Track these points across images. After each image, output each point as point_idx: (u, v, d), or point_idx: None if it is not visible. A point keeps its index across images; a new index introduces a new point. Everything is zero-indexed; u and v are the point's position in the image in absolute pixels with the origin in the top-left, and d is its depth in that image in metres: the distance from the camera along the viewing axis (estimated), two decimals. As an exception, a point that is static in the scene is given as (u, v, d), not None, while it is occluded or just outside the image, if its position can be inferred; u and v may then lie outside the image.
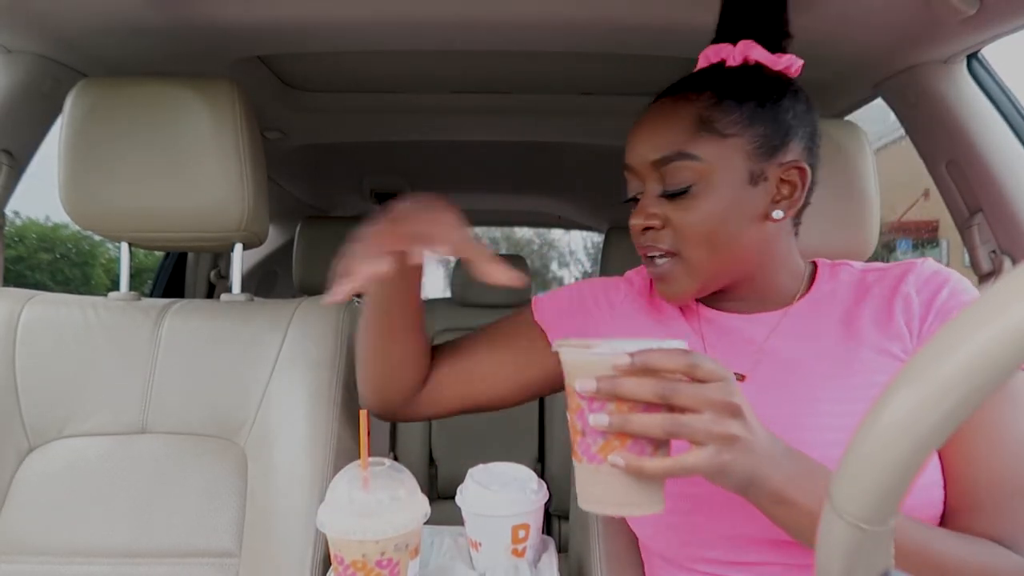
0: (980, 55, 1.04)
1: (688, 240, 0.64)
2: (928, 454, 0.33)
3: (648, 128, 0.66)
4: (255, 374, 0.86)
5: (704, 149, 0.62)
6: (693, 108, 0.64)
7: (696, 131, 0.63)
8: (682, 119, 0.64)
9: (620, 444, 0.49)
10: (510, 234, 16.12)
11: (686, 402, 0.47)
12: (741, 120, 0.63)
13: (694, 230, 0.63)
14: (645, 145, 0.65)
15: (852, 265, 0.72)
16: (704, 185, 0.63)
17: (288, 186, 2.15)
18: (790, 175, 0.65)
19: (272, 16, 1.00)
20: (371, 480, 0.65)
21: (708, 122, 0.63)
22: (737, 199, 0.63)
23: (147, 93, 0.89)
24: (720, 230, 0.63)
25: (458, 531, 0.83)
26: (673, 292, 0.68)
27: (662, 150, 0.64)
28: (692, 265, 0.65)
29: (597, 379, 0.48)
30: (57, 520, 0.80)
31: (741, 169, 0.63)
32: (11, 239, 1.08)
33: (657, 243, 0.66)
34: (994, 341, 0.30)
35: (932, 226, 10.22)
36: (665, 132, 0.64)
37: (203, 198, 0.89)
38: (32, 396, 0.85)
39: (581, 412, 0.50)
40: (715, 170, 0.62)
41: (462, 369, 0.78)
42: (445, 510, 1.15)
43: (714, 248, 0.64)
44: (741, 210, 0.64)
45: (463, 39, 1.09)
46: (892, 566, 0.38)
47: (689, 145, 0.63)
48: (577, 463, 0.51)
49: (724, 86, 0.64)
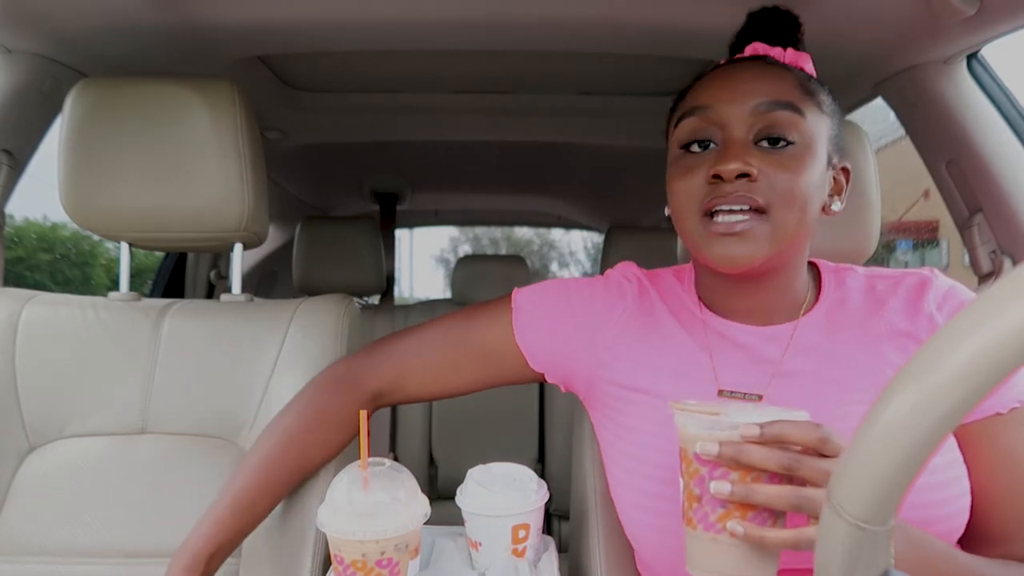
0: (980, 55, 1.04)
1: (783, 197, 0.59)
2: (928, 454, 0.33)
3: (750, 74, 0.62)
4: (255, 374, 0.86)
5: (808, 111, 0.60)
6: (792, 75, 0.62)
7: (802, 92, 0.61)
8: (786, 79, 0.61)
9: (741, 514, 0.48)
10: (510, 234, 16.11)
11: (810, 475, 0.46)
12: (828, 106, 0.63)
13: (791, 188, 0.58)
14: (746, 87, 0.61)
15: (856, 270, 0.70)
16: (803, 147, 0.60)
17: (288, 186, 2.15)
18: (841, 174, 0.66)
19: (272, 16, 1.00)
20: (371, 480, 0.65)
21: (811, 92, 0.61)
22: (821, 177, 0.62)
23: (147, 93, 0.89)
24: (810, 198, 0.60)
25: (458, 531, 0.83)
26: (748, 254, 0.59)
27: (774, 95, 0.60)
28: (778, 226, 0.59)
29: (721, 444, 0.47)
30: (57, 520, 0.80)
31: (824, 152, 0.62)
32: (10, 239, 1.08)
33: (751, 193, 0.59)
34: (994, 341, 0.30)
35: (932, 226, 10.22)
36: (773, 81, 0.61)
37: (203, 198, 0.89)
38: (32, 396, 0.85)
39: (700, 479, 0.49)
40: (814, 138, 0.60)
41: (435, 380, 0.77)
42: (445, 510, 1.15)
43: (803, 214, 0.60)
44: (821, 188, 0.62)
45: (463, 39, 1.09)
46: (892, 566, 0.38)
47: (798, 101, 0.60)
48: (690, 529, 0.50)
49: (803, 74, 0.64)
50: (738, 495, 0.47)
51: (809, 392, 0.63)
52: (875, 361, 0.63)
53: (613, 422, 0.71)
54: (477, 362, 0.76)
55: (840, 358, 0.64)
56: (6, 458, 0.83)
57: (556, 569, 0.77)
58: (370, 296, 2.07)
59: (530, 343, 0.74)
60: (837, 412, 0.60)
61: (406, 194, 2.32)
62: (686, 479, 0.50)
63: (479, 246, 16.97)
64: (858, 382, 0.62)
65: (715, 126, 0.62)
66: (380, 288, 1.90)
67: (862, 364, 0.63)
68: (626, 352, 0.71)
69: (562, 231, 7.02)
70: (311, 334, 0.87)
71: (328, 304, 0.90)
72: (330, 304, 0.90)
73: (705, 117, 0.62)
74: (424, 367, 0.77)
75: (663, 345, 0.70)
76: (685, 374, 0.67)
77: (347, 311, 0.91)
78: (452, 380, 0.77)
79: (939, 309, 0.63)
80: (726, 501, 0.48)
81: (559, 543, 1.87)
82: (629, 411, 0.69)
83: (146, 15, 0.98)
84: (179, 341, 0.88)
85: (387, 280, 1.93)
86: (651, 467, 0.65)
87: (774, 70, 0.62)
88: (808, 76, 0.64)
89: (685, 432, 0.50)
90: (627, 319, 0.72)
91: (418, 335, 0.78)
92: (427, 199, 2.47)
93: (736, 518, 0.48)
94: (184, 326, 0.89)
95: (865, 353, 0.63)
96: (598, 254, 1.87)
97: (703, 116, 0.62)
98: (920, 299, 0.64)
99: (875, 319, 0.65)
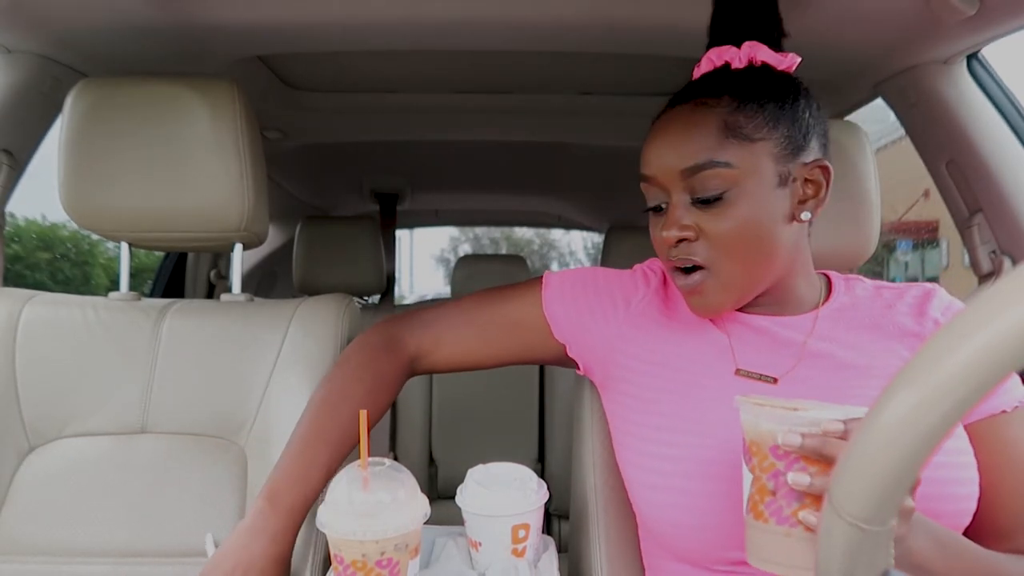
0: (980, 55, 1.04)
1: (724, 249, 0.63)
2: (928, 454, 0.33)
3: (672, 137, 0.65)
4: (255, 374, 0.86)
5: (734, 155, 0.62)
6: (715, 114, 0.63)
7: (723, 137, 0.62)
8: (707, 126, 0.62)
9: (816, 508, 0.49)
10: (510, 234, 16.12)
11: None
12: (765, 123, 0.62)
13: (730, 238, 0.62)
14: (670, 154, 0.64)
15: (863, 280, 0.73)
16: (737, 191, 0.62)
17: (288, 186, 2.15)
18: (814, 174, 0.65)
19: (272, 16, 1.00)
20: (371, 480, 0.65)
21: (734, 128, 0.62)
22: (769, 203, 0.63)
23: (147, 93, 0.89)
24: (755, 236, 0.63)
25: (458, 531, 0.83)
26: (708, 304, 0.66)
27: (691, 159, 0.62)
28: (726, 277, 0.64)
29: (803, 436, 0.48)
30: (57, 520, 0.80)
31: (770, 172, 0.63)
32: (10, 239, 1.08)
33: (691, 255, 0.64)
34: (993, 341, 0.30)
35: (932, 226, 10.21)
36: (691, 140, 0.63)
37: (203, 198, 0.89)
38: (32, 396, 0.85)
39: (776, 473, 0.50)
40: (747, 175, 0.62)
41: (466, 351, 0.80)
42: (445, 510, 1.15)
43: (750, 256, 0.63)
44: (773, 214, 0.63)
45: (463, 39, 1.09)
46: (892, 566, 0.38)
47: (718, 152, 0.62)
48: (759, 523, 0.51)
49: (741, 89, 0.63)
50: (817, 487, 0.48)
51: (832, 375, 0.65)
52: (888, 355, 0.65)
53: (628, 396, 0.72)
54: (505, 333, 0.79)
55: (857, 348, 0.66)
56: (6, 458, 0.83)
57: (556, 569, 0.77)
58: (370, 296, 2.07)
59: (555, 312, 0.77)
60: (859, 398, 0.62)
61: (406, 194, 2.32)
62: (757, 473, 0.51)
63: (479, 246, 16.99)
64: (876, 370, 0.64)
65: (658, 190, 0.66)
66: (380, 288, 1.90)
67: (878, 356, 0.65)
68: (646, 329, 0.74)
69: (562, 231, 7.02)
70: (311, 334, 0.87)
71: (328, 304, 0.91)
72: (330, 304, 0.91)
73: (650, 184, 0.67)
74: (457, 337, 0.80)
75: (683, 327, 0.72)
76: (705, 352, 0.70)
77: (347, 311, 0.91)
78: (482, 351, 0.80)
79: (943, 315, 0.67)
80: (802, 494, 0.49)
81: (559, 543, 1.87)
82: (644, 383, 0.71)
83: (146, 15, 0.98)
84: (179, 341, 0.88)
85: (387, 280, 1.94)
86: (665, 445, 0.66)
87: (700, 117, 0.63)
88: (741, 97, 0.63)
89: (757, 428, 0.51)
90: (649, 300, 0.76)
91: (456, 305, 0.82)
92: (427, 199, 2.47)
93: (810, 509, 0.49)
94: (184, 326, 0.89)
95: (878, 346, 0.66)
96: (598, 254, 1.87)
97: (649, 183, 0.67)
98: (926, 304, 0.68)
99: (884, 320, 0.68)
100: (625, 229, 1.72)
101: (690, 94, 0.66)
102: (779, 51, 0.67)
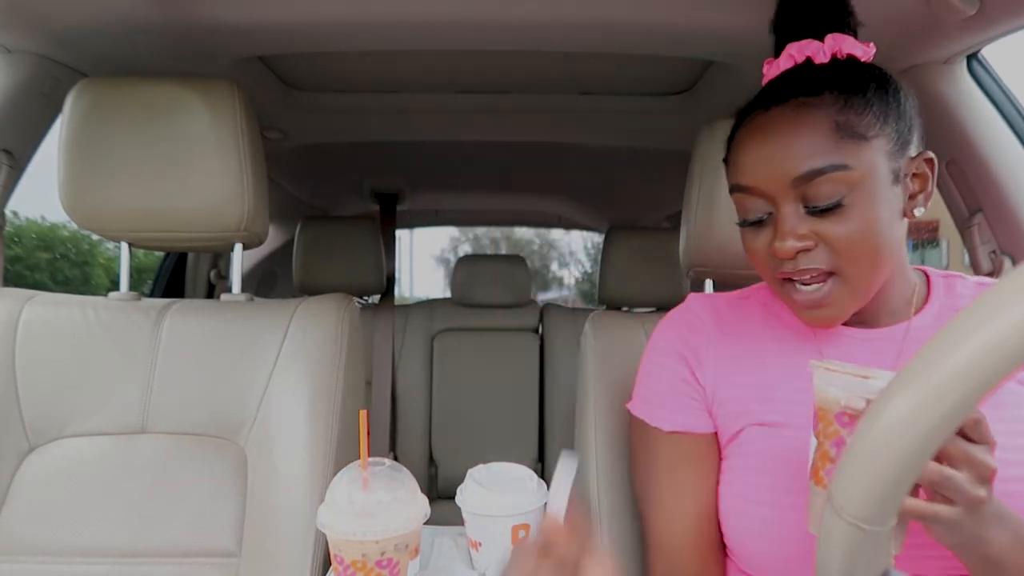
0: (980, 55, 1.04)
1: (849, 256, 0.58)
2: (928, 454, 0.33)
3: (777, 141, 0.59)
4: (255, 374, 0.86)
5: (852, 156, 0.57)
6: (823, 114, 0.58)
7: (838, 138, 0.57)
8: (817, 127, 0.58)
9: None
10: (510, 234, 16.12)
11: (953, 453, 0.45)
12: (876, 119, 0.58)
13: (855, 244, 0.58)
14: (778, 161, 0.59)
15: (965, 278, 0.69)
16: (858, 194, 0.57)
17: (288, 186, 2.15)
18: (921, 167, 0.62)
19: (272, 16, 1.00)
20: (371, 480, 0.65)
21: (846, 127, 0.57)
22: (888, 202, 0.59)
23: (147, 93, 0.89)
24: (880, 239, 0.58)
25: (458, 531, 0.83)
26: (832, 315, 0.61)
27: (806, 164, 0.57)
28: (855, 282, 0.60)
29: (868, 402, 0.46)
30: (57, 520, 0.80)
31: (886, 170, 0.59)
32: (10, 239, 1.08)
33: (814, 263, 0.59)
34: (993, 341, 0.30)
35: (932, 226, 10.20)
36: (802, 144, 0.58)
37: (203, 198, 0.89)
38: (32, 396, 0.85)
39: (839, 440, 0.48)
40: (866, 176, 0.57)
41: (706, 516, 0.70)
42: (445, 510, 1.15)
43: (877, 259, 0.59)
44: (892, 213, 0.59)
45: (463, 39, 1.09)
46: (892, 566, 0.38)
47: (837, 154, 0.57)
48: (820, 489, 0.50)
49: (842, 84, 0.59)
50: None
51: None
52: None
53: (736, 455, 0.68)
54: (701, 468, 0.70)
55: None
56: (6, 458, 0.83)
57: (556, 569, 0.77)
58: (370, 296, 2.07)
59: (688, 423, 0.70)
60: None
61: (406, 194, 2.32)
62: (821, 439, 0.50)
63: (479, 246, 16.98)
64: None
65: (762, 200, 0.61)
66: (380, 288, 1.90)
67: None
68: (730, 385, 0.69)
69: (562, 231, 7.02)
70: (311, 334, 0.87)
71: (328, 304, 0.91)
72: (330, 304, 0.91)
73: (749, 195, 0.62)
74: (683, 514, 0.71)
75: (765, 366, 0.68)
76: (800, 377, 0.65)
77: (347, 311, 0.91)
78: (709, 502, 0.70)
79: None
80: None
81: (559, 543, 1.86)
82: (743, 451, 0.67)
83: (146, 15, 0.98)
84: (179, 341, 0.88)
85: (387, 280, 1.94)
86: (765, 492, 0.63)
87: (807, 118, 0.58)
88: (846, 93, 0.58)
89: (826, 394, 0.50)
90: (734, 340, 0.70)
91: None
92: (427, 199, 2.47)
93: None
94: (184, 326, 0.89)
95: None
96: (598, 254, 1.87)
97: (749, 193, 0.62)
98: None
99: None
100: (625, 229, 1.72)
101: (782, 94, 0.60)
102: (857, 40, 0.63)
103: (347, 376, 0.87)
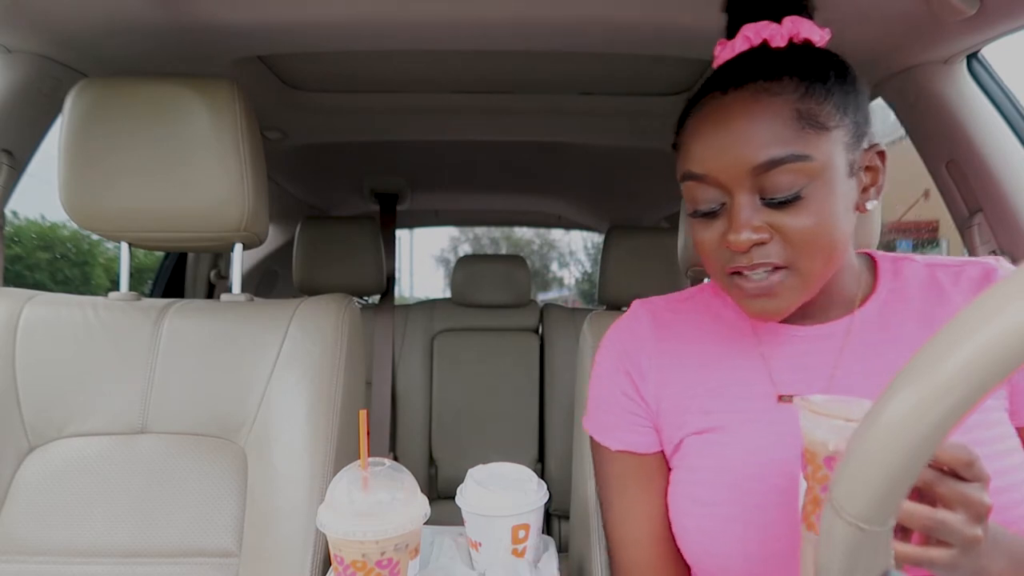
0: (980, 55, 1.04)
1: (804, 250, 0.56)
2: (928, 454, 0.33)
3: (735, 129, 0.56)
4: (255, 374, 0.86)
5: (813, 146, 0.55)
6: (783, 101, 0.55)
7: (800, 127, 0.55)
8: (778, 115, 0.55)
9: None
10: (510, 234, 16.12)
11: (946, 494, 0.44)
12: (836, 109, 0.56)
13: (810, 237, 0.56)
14: (736, 149, 0.56)
15: (915, 259, 0.67)
16: (816, 186, 0.55)
17: (288, 186, 2.15)
18: (873, 160, 0.60)
19: (272, 16, 1.00)
20: (371, 480, 0.65)
21: (809, 116, 0.55)
22: (843, 195, 0.57)
23: (147, 93, 0.89)
24: (836, 233, 0.57)
25: (458, 531, 0.83)
26: (778, 307, 0.59)
27: (766, 153, 0.55)
28: (807, 276, 0.58)
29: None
30: (57, 520, 0.80)
31: (843, 162, 0.57)
32: (10, 239, 1.08)
33: (768, 258, 0.57)
34: (993, 341, 0.30)
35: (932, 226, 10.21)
36: (761, 132, 0.55)
37: (203, 198, 0.89)
38: (32, 396, 0.85)
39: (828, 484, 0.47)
40: (825, 168, 0.55)
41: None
42: (445, 510, 1.16)
43: (831, 253, 0.58)
44: (847, 207, 0.58)
45: (463, 39, 1.09)
46: (892, 566, 0.38)
47: (798, 144, 0.54)
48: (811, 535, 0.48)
49: (803, 70, 0.56)
50: None
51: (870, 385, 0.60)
52: None
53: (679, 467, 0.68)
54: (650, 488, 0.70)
55: (899, 349, 0.61)
56: (6, 458, 0.83)
57: (556, 569, 0.77)
58: (370, 296, 2.07)
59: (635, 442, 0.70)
60: None
61: (406, 194, 2.32)
62: (811, 483, 0.49)
63: (479, 246, 16.98)
64: None
65: (716, 190, 0.59)
66: (380, 288, 1.90)
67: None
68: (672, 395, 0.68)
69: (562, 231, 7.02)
70: (311, 334, 0.87)
71: (328, 304, 0.91)
72: (330, 304, 0.91)
73: (703, 184, 0.59)
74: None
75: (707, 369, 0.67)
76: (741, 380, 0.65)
77: (347, 311, 0.91)
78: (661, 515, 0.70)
79: None
80: None
81: (559, 543, 1.87)
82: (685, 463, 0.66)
83: (146, 15, 0.98)
84: (179, 341, 0.88)
85: (387, 280, 1.94)
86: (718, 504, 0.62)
87: (767, 104, 0.55)
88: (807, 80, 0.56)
89: (813, 436, 0.48)
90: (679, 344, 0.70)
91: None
92: (427, 199, 2.47)
93: None
94: (184, 326, 0.89)
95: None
96: (598, 254, 1.86)
97: (701, 183, 0.59)
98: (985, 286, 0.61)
99: (936, 310, 0.62)
100: (625, 229, 1.72)
101: (739, 78, 0.57)
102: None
103: (347, 376, 0.87)
